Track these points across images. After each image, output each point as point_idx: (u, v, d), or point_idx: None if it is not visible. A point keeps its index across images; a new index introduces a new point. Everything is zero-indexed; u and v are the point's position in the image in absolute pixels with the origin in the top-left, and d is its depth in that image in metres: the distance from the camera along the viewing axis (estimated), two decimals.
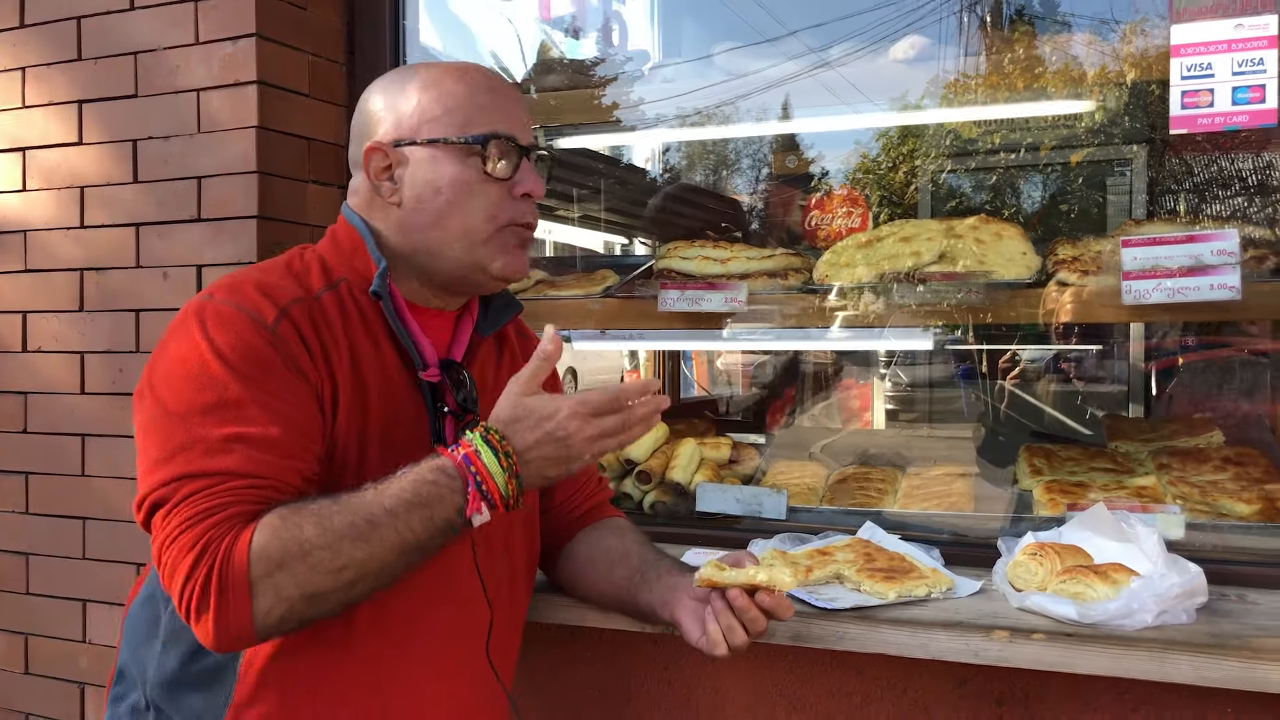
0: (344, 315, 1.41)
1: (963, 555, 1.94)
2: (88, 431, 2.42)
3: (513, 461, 1.26)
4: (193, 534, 1.21)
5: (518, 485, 1.27)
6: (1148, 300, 1.92)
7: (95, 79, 2.40)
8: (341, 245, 1.48)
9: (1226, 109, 1.86)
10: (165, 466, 1.26)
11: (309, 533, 1.21)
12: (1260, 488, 2.05)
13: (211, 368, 1.28)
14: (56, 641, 2.47)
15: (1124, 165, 4.52)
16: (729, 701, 1.92)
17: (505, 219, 1.45)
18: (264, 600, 1.20)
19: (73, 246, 2.44)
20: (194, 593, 1.19)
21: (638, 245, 5.92)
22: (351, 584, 1.23)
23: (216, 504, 1.22)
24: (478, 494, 1.25)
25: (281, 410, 1.29)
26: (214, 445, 1.25)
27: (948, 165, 5.63)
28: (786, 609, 1.44)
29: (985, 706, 1.76)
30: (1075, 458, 2.34)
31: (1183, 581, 1.57)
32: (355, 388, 1.39)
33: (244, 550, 1.19)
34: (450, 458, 1.27)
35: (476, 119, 1.43)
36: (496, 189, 1.44)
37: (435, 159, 1.43)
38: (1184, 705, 1.64)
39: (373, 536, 1.22)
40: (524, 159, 1.46)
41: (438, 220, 1.44)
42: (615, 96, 3.01)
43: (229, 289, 1.38)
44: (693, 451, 2.39)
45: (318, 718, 1.38)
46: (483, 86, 1.46)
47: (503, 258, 1.46)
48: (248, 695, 1.35)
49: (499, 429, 1.28)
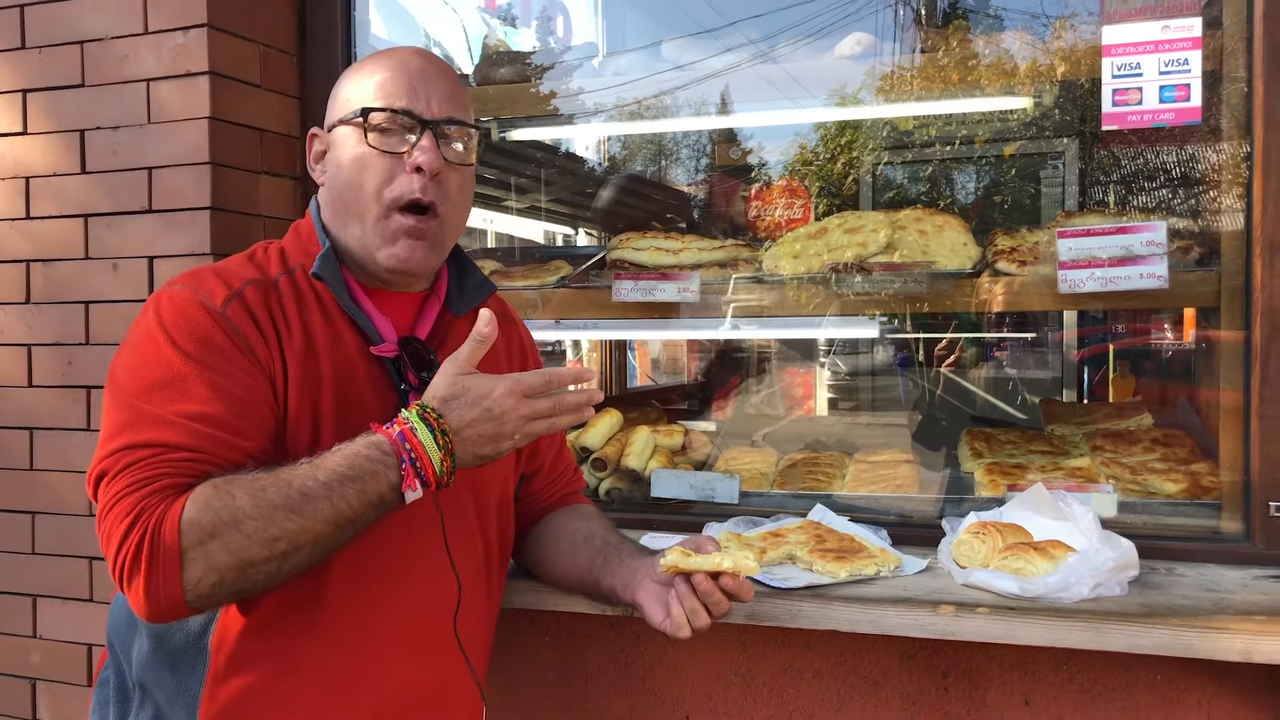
0: (299, 298, 1.45)
1: (909, 535, 2.02)
2: (36, 425, 2.40)
3: (448, 439, 1.29)
4: (127, 502, 1.23)
5: (452, 463, 1.30)
6: (1082, 289, 2.01)
7: (41, 68, 2.37)
8: (300, 234, 1.54)
9: (1154, 107, 1.95)
10: (112, 440, 1.29)
11: (242, 503, 1.23)
12: (1186, 467, 2.16)
13: (161, 348, 1.33)
14: (6, 638, 2.44)
15: (1056, 158, 4.65)
16: (684, 681, 1.97)
17: (393, 195, 1.46)
18: (194, 570, 1.22)
19: (18, 238, 2.40)
20: (126, 560, 1.22)
21: (581, 235, 5.94)
22: (285, 555, 1.25)
23: (152, 474, 1.25)
24: (412, 470, 1.27)
25: (226, 388, 1.33)
26: (157, 419, 1.29)
27: (885, 157, 5.73)
28: (748, 591, 1.49)
29: (932, 679, 1.83)
30: (1014, 441, 2.43)
31: (1116, 556, 1.65)
32: (308, 366, 1.42)
33: (175, 520, 1.21)
34: (385, 434, 1.29)
35: (371, 95, 1.47)
36: (388, 162, 1.46)
37: (343, 138, 1.49)
38: (1118, 673, 1.73)
39: (306, 508, 1.24)
40: (425, 132, 1.47)
41: (340, 196, 1.49)
42: (560, 88, 3.03)
43: (188, 276, 1.43)
44: (647, 439, 2.44)
45: (291, 693, 1.40)
46: (392, 65, 1.50)
47: (388, 247, 1.47)
48: (220, 672, 1.38)
49: (435, 406, 1.30)
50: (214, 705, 1.38)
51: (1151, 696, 1.72)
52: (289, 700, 1.40)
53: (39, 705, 2.42)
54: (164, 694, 1.41)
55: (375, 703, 1.46)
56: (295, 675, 1.40)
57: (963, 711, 1.82)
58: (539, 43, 3.78)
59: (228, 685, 1.38)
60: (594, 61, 3.13)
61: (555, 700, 2.05)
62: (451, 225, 1.53)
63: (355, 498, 1.26)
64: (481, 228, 9.68)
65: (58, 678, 2.40)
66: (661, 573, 1.49)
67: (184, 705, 1.39)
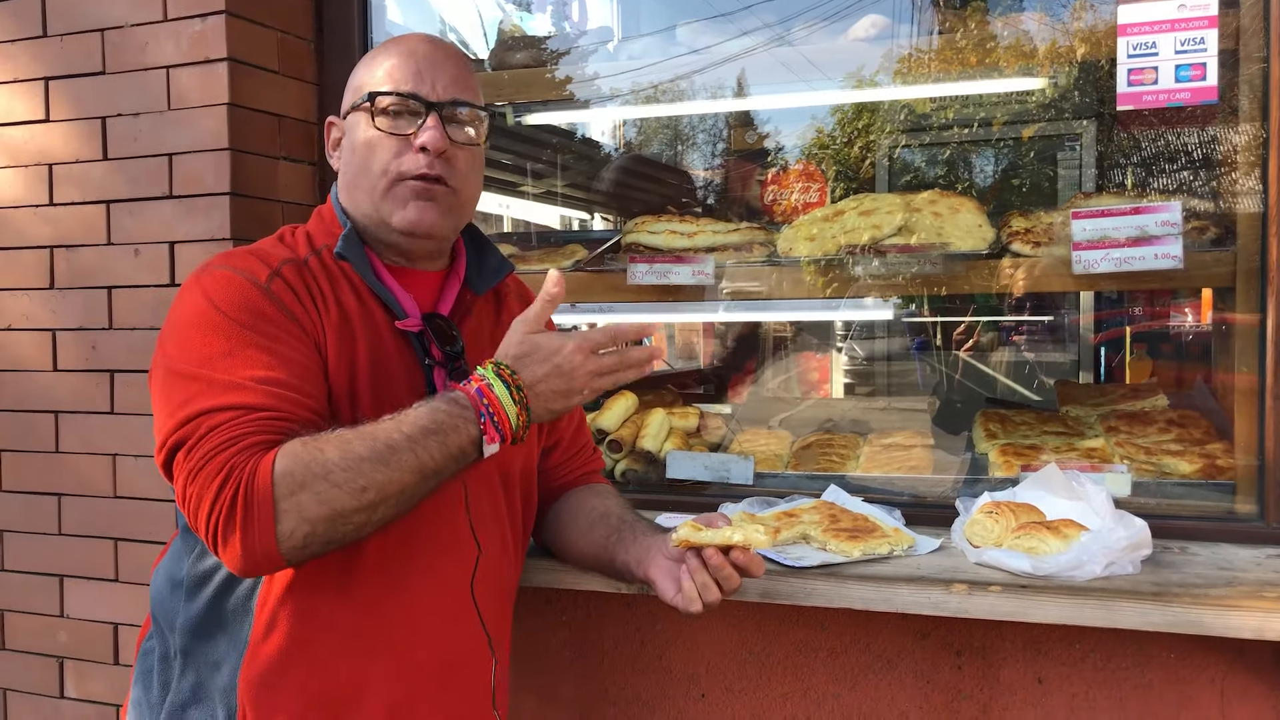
0: (330, 276, 1.50)
1: (922, 515, 2.03)
2: (61, 409, 2.43)
3: (523, 395, 1.34)
4: (217, 462, 1.26)
5: (527, 417, 1.35)
6: (1096, 269, 2.01)
7: (62, 56, 2.39)
8: (323, 218, 1.59)
9: (1170, 86, 1.94)
10: (182, 409, 1.32)
11: (331, 455, 1.27)
12: (1201, 448, 2.16)
13: (215, 320, 1.37)
14: (34, 617, 2.49)
15: (1074, 140, 4.62)
16: (700, 659, 2.00)
17: (397, 171, 1.50)
18: (288, 521, 1.25)
19: (42, 224, 2.44)
20: (220, 516, 1.25)
21: (597, 220, 5.95)
22: (374, 505, 1.29)
23: (238, 434, 1.28)
24: (490, 424, 1.32)
25: (285, 354, 1.37)
26: (228, 384, 1.32)
27: (902, 140, 5.71)
28: (758, 566, 1.51)
29: (945, 657, 1.85)
30: (1028, 422, 2.44)
31: (1129, 535, 1.66)
32: (344, 338, 1.46)
33: (267, 472, 1.25)
34: (464, 390, 1.34)
35: (380, 81, 1.52)
36: (395, 143, 1.50)
37: (355, 123, 1.54)
38: (1130, 651, 1.74)
39: (391, 460, 1.28)
40: (430, 115, 1.50)
41: (354, 179, 1.54)
42: (576, 72, 3.03)
43: (225, 257, 1.47)
44: (662, 420, 2.46)
45: (326, 650, 1.44)
46: (400, 51, 1.54)
47: (400, 210, 1.51)
48: (262, 631, 1.42)
49: (509, 363, 1.36)
50: (254, 665, 1.42)
51: (1164, 674, 1.73)
52: (321, 661, 1.44)
53: (66, 683, 2.47)
54: (209, 659, 1.45)
55: (401, 666, 1.49)
56: (327, 636, 1.44)
57: (976, 689, 1.83)
58: (554, 27, 3.78)
59: (266, 645, 1.42)
60: (609, 46, 3.13)
61: (572, 678, 2.08)
62: (463, 195, 1.57)
63: (438, 450, 1.30)
64: (497, 213, 9.69)
65: (85, 656, 2.45)
66: (673, 548, 1.52)
67: (229, 666, 1.43)
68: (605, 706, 2.06)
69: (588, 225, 6.26)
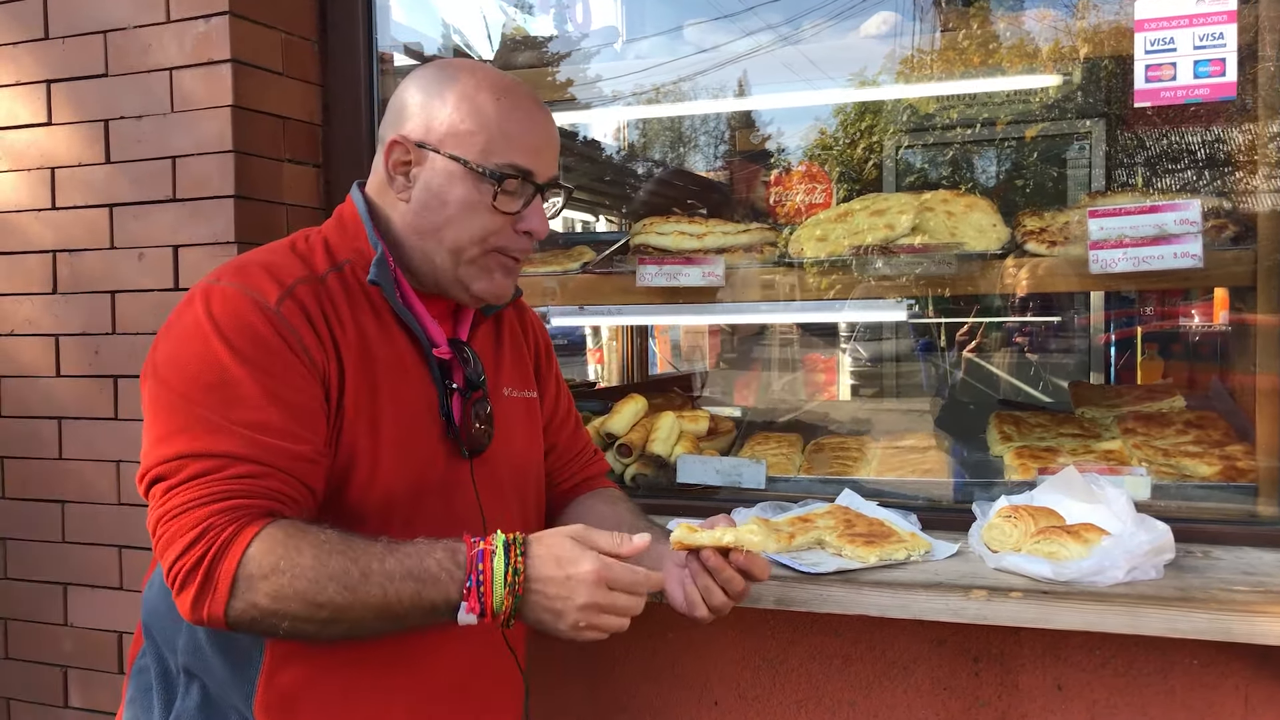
0: (349, 296, 1.43)
1: (939, 520, 2.00)
2: (64, 414, 2.41)
3: (518, 581, 1.26)
4: (195, 515, 1.23)
5: (513, 604, 1.27)
6: (1114, 269, 1.98)
7: (64, 58, 2.37)
8: (346, 227, 1.50)
9: (1188, 82, 1.91)
10: (168, 443, 1.28)
11: (304, 560, 1.23)
12: (1221, 450, 2.13)
13: (214, 348, 1.31)
14: (37, 626, 2.47)
15: (1082, 139, 4.60)
16: (712, 667, 1.97)
17: (497, 245, 1.46)
18: (240, 602, 1.23)
19: (44, 228, 2.41)
20: (183, 569, 1.23)
21: (601, 222, 5.94)
22: (326, 621, 1.25)
23: (221, 490, 1.25)
24: (474, 594, 1.25)
25: (279, 393, 1.31)
26: (215, 426, 1.27)
27: (905, 141, 5.69)
28: (762, 569, 1.47)
29: (963, 664, 1.82)
30: (1044, 424, 2.41)
31: (1151, 539, 1.63)
32: (364, 365, 1.41)
33: (239, 550, 1.22)
34: (467, 545, 1.28)
35: (499, 148, 1.43)
36: (501, 220, 1.45)
37: (451, 174, 1.43)
38: (1152, 657, 1.71)
39: (359, 589, 1.23)
40: (538, 196, 1.47)
41: (436, 231, 1.45)
42: (580, 74, 3.02)
43: (235, 271, 1.39)
44: (672, 424, 2.43)
45: (347, 683, 1.40)
46: (516, 114, 1.45)
47: (484, 280, 1.48)
48: (278, 663, 1.38)
49: (524, 544, 1.28)
50: (271, 693, 1.38)
51: (1187, 681, 1.70)
52: (345, 689, 1.40)
53: (70, 692, 2.44)
54: (214, 680, 1.41)
55: (427, 687, 1.46)
56: (352, 666, 1.40)
57: (994, 696, 1.80)
58: (556, 29, 3.76)
59: (284, 674, 1.38)
60: (615, 46, 3.11)
61: (583, 687, 2.05)
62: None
63: (410, 597, 1.25)
64: None
65: (89, 665, 2.42)
66: (674, 551, 1.49)
67: (239, 692, 1.39)
68: (617, 714, 2.03)
69: (591, 227, 6.25)
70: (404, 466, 1.42)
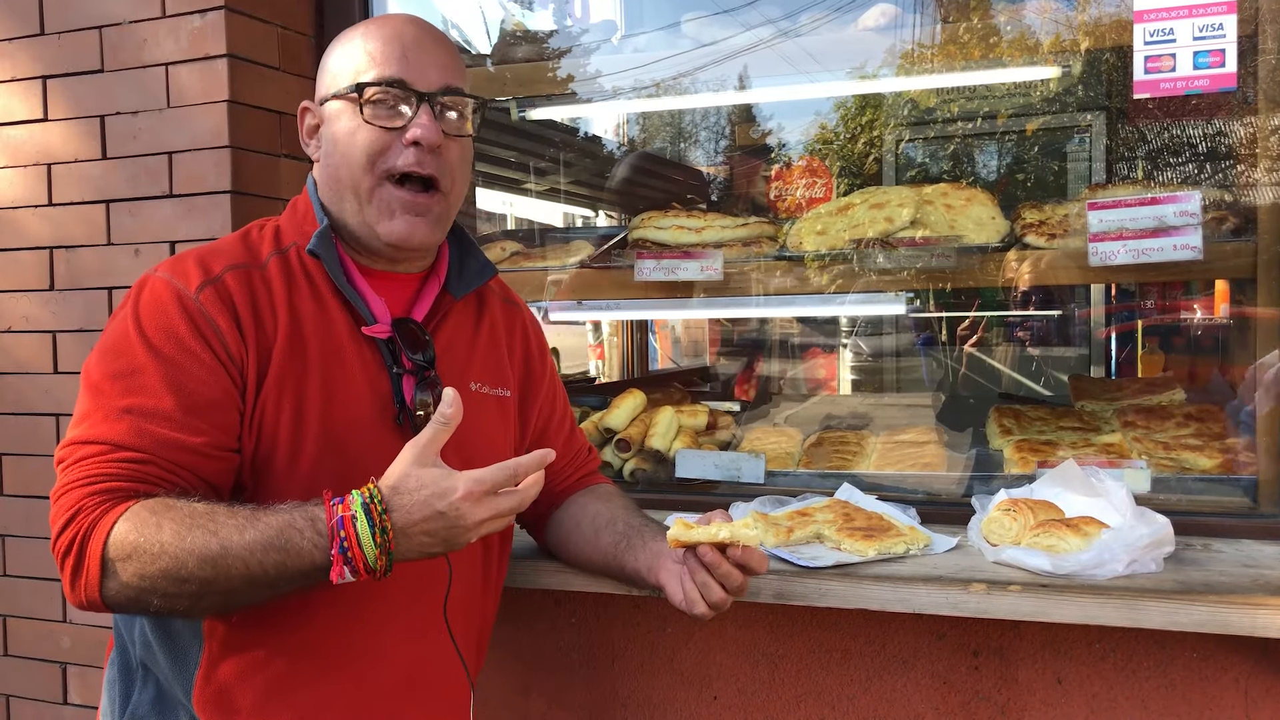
0: (289, 279, 1.43)
1: (938, 514, 2.00)
2: (62, 411, 2.41)
3: (388, 538, 1.23)
4: (71, 497, 1.25)
5: (388, 560, 1.25)
6: (1114, 261, 1.97)
7: (60, 54, 2.36)
8: (297, 211, 1.52)
9: (1188, 73, 1.90)
10: (73, 430, 1.31)
11: (165, 537, 1.22)
12: (1221, 443, 2.12)
13: (130, 338, 1.33)
14: (36, 622, 2.46)
15: (1083, 132, 4.59)
16: (712, 662, 1.96)
17: (386, 166, 1.43)
18: (113, 582, 1.23)
19: (41, 224, 2.41)
20: (60, 552, 1.25)
21: (601, 217, 5.92)
22: (196, 595, 1.24)
23: (96, 473, 1.26)
24: (341, 559, 1.23)
25: (183, 384, 1.32)
26: (110, 413, 1.29)
27: (906, 135, 5.68)
28: (760, 562, 1.45)
29: (962, 658, 1.81)
30: (1043, 417, 2.40)
31: (1151, 532, 1.62)
32: (294, 350, 1.39)
33: (104, 532, 1.23)
34: (327, 512, 1.25)
35: (365, 67, 1.42)
36: (382, 136, 1.42)
37: (337, 113, 1.44)
38: (1152, 650, 1.71)
39: (220, 563, 1.22)
40: (423, 105, 1.42)
41: (335, 173, 1.45)
42: (580, 68, 3.00)
43: (174, 261, 1.41)
44: (671, 419, 2.42)
45: (283, 675, 1.40)
46: (383, 31, 1.45)
47: (386, 221, 1.44)
48: (215, 655, 1.38)
49: (384, 498, 1.24)
50: (209, 687, 1.38)
51: (1187, 674, 1.69)
52: (282, 682, 1.40)
53: (69, 689, 2.44)
54: (162, 674, 1.42)
55: (367, 685, 1.45)
56: (287, 657, 1.40)
57: (994, 690, 1.80)
58: (556, 24, 3.75)
59: (222, 669, 1.38)
60: (613, 39, 3.10)
61: (581, 681, 2.04)
62: (452, 198, 1.50)
63: (275, 567, 1.23)
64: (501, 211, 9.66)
65: (87, 662, 2.42)
66: (670, 548, 1.48)
67: (181, 686, 1.39)
68: (616, 709, 2.03)
69: (591, 222, 6.24)
70: (332, 448, 1.40)
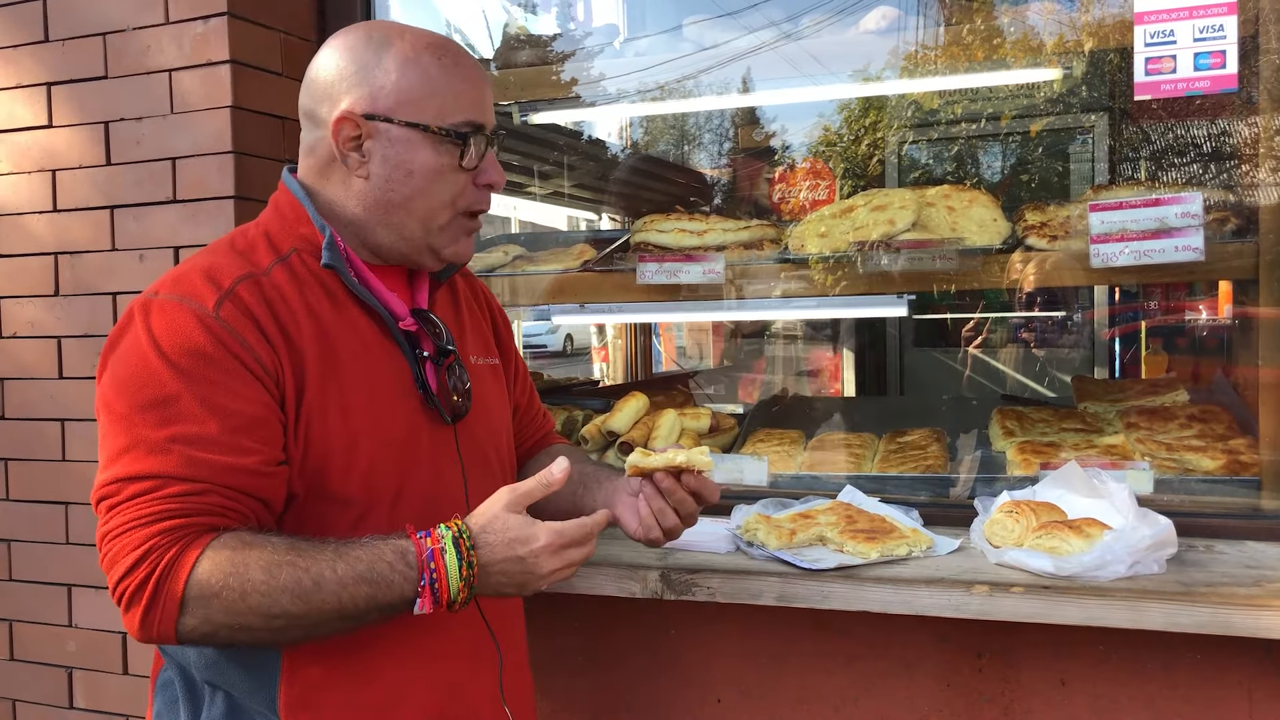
0: (300, 285, 1.40)
1: (940, 515, 2.00)
2: (68, 416, 2.41)
3: (473, 573, 1.27)
4: (138, 535, 1.22)
5: (469, 594, 1.28)
6: (1115, 263, 1.97)
7: (64, 60, 2.37)
8: (285, 214, 1.46)
9: (1189, 75, 1.90)
10: (111, 466, 1.27)
11: (255, 575, 1.22)
12: (1224, 443, 2.12)
13: (151, 364, 1.28)
14: (42, 627, 2.47)
15: (1085, 133, 4.59)
16: (715, 664, 1.97)
17: (465, 206, 1.46)
18: (191, 619, 1.23)
19: (46, 230, 2.42)
20: (129, 589, 1.22)
21: (604, 220, 5.93)
22: (283, 629, 1.25)
23: (159, 510, 1.23)
24: (429, 591, 1.26)
25: (222, 403, 1.28)
26: (152, 446, 1.25)
27: (909, 137, 5.68)
28: (712, 492, 1.49)
29: (965, 659, 1.82)
30: (1046, 419, 2.40)
31: (1153, 533, 1.63)
32: (325, 354, 1.38)
33: (185, 570, 1.21)
34: (416, 546, 1.27)
35: (454, 107, 1.42)
36: (464, 178, 1.45)
37: (411, 142, 1.40)
38: (1156, 651, 1.71)
39: (314, 598, 1.23)
40: (489, 148, 1.46)
41: (406, 202, 1.43)
42: (582, 72, 3.01)
43: (172, 282, 1.36)
44: (674, 422, 2.43)
45: (367, 664, 1.41)
46: (460, 71, 1.45)
47: (454, 245, 1.48)
48: (296, 664, 1.38)
49: (472, 535, 1.29)
50: (294, 692, 1.38)
51: (1191, 676, 1.70)
52: (366, 674, 1.41)
53: (75, 693, 2.45)
54: (237, 689, 1.41)
55: (436, 669, 1.47)
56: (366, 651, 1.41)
57: (997, 692, 1.80)
58: (559, 27, 3.76)
59: (304, 673, 1.38)
60: (615, 43, 3.11)
61: (585, 683, 2.05)
62: None
63: (365, 600, 1.25)
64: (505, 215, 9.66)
65: (93, 666, 2.42)
66: (628, 477, 1.50)
67: (262, 697, 1.38)
68: (619, 712, 2.03)
69: (594, 226, 6.24)
70: (385, 446, 1.41)
